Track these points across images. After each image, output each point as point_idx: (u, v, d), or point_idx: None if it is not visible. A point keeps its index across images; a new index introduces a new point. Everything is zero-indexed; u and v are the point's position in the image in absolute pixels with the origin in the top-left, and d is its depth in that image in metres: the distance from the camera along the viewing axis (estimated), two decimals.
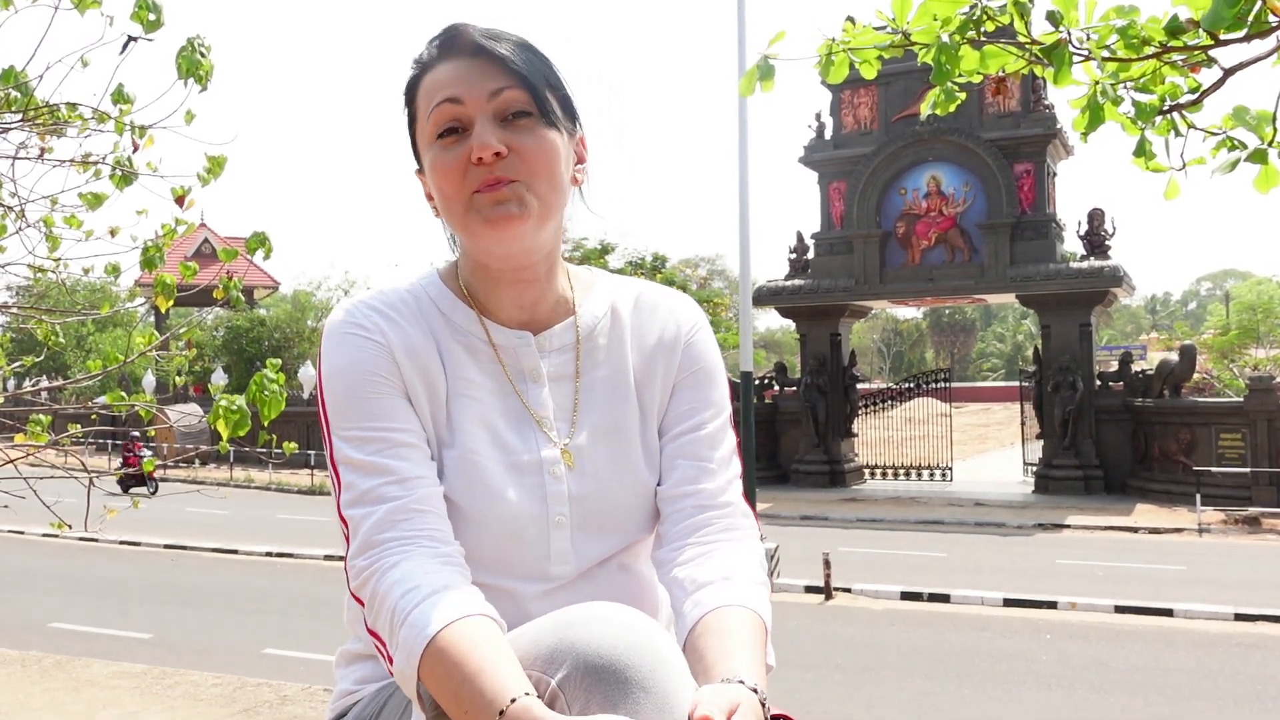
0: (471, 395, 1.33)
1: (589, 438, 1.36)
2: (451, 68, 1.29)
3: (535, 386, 1.36)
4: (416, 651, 1.11)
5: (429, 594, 1.14)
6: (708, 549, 1.33)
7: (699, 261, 55.46)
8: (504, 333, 1.36)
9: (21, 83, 3.14)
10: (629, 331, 1.42)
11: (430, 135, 1.29)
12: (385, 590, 1.17)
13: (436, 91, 1.29)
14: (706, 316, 1.50)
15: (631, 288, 1.46)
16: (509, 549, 1.30)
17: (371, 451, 1.25)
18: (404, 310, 1.34)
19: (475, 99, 1.27)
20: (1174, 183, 2.34)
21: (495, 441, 1.32)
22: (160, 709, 4.50)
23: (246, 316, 35.97)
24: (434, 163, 1.29)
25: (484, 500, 1.29)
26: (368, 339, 1.30)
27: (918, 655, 8.94)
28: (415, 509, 1.23)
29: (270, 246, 3.42)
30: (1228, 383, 25.70)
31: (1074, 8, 1.95)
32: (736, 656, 1.16)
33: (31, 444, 3.69)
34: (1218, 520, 16.27)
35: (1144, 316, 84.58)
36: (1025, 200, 20.12)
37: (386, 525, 1.22)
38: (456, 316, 1.35)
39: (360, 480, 1.25)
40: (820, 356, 22.07)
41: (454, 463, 1.30)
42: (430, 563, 1.19)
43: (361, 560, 1.21)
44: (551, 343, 1.38)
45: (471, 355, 1.35)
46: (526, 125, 1.28)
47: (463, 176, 1.26)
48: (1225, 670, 8.32)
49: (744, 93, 2.11)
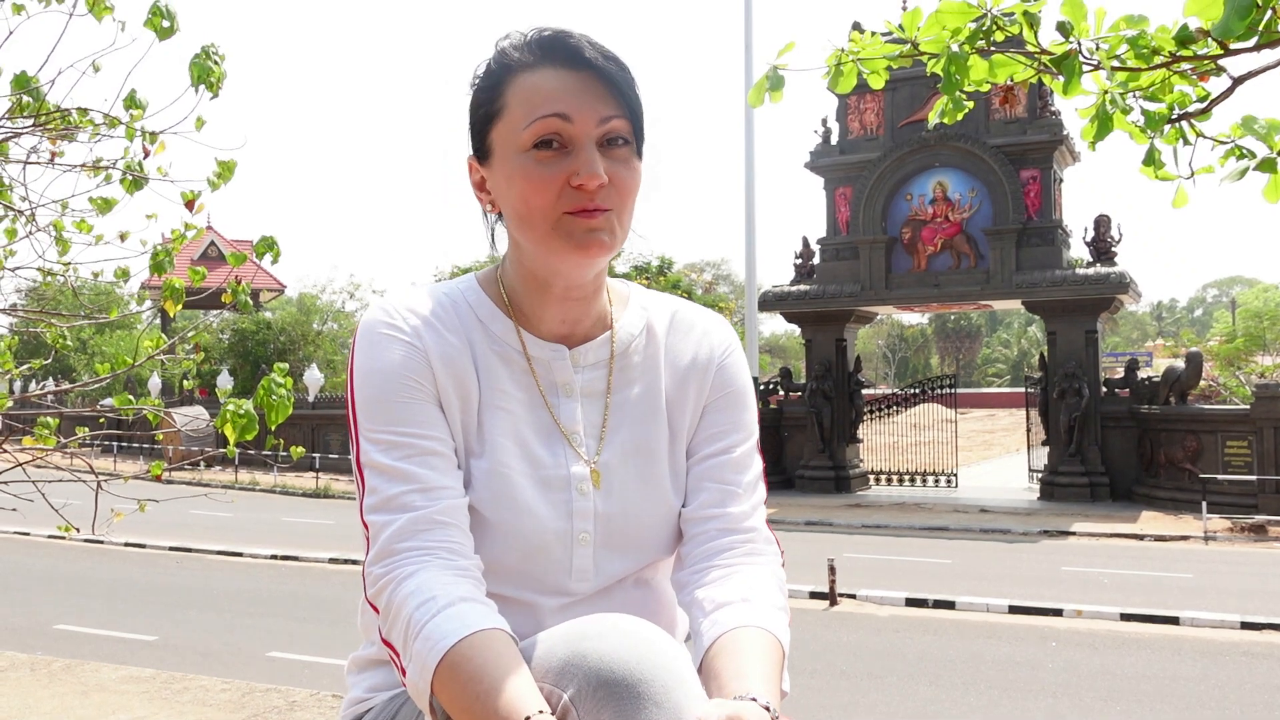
0: (504, 407, 1.32)
1: (618, 456, 1.35)
2: (558, 78, 1.25)
3: (567, 401, 1.35)
4: (430, 665, 1.10)
5: (444, 606, 1.14)
6: (729, 571, 1.32)
7: (704, 266, 55.50)
8: (540, 345, 1.35)
9: (33, 88, 3.15)
10: (663, 350, 1.41)
11: (525, 143, 1.25)
12: (401, 600, 1.17)
13: (542, 102, 1.25)
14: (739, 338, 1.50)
15: (668, 305, 1.46)
16: (531, 563, 1.30)
17: (398, 457, 1.24)
18: (443, 315, 1.32)
19: (585, 121, 1.24)
20: (1182, 191, 2.34)
21: (525, 455, 1.32)
22: (169, 714, 4.51)
23: (253, 319, 36.03)
24: (525, 172, 1.25)
25: (510, 513, 1.29)
26: (405, 342, 1.28)
27: (923, 662, 8.92)
28: (437, 520, 1.22)
29: (278, 251, 3.44)
30: (1234, 390, 25.65)
31: (1084, 18, 1.95)
32: (751, 676, 1.16)
33: (39, 447, 3.71)
34: (1224, 528, 16.22)
35: (1150, 323, 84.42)
36: (1031, 206, 20.10)
37: (407, 534, 1.21)
38: (495, 326, 1.34)
39: (385, 485, 1.24)
40: (825, 362, 22.05)
41: (483, 474, 1.29)
42: (446, 575, 1.18)
43: (378, 568, 1.21)
44: (586, 357, 1.37)
45: (506, 365, 1.34)
46: (623, 155, 1.27)
47: (558, 195, 1.24)
48: (1232, 679, 8.29)
49: (753, 103, 2.12)
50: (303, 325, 37.76)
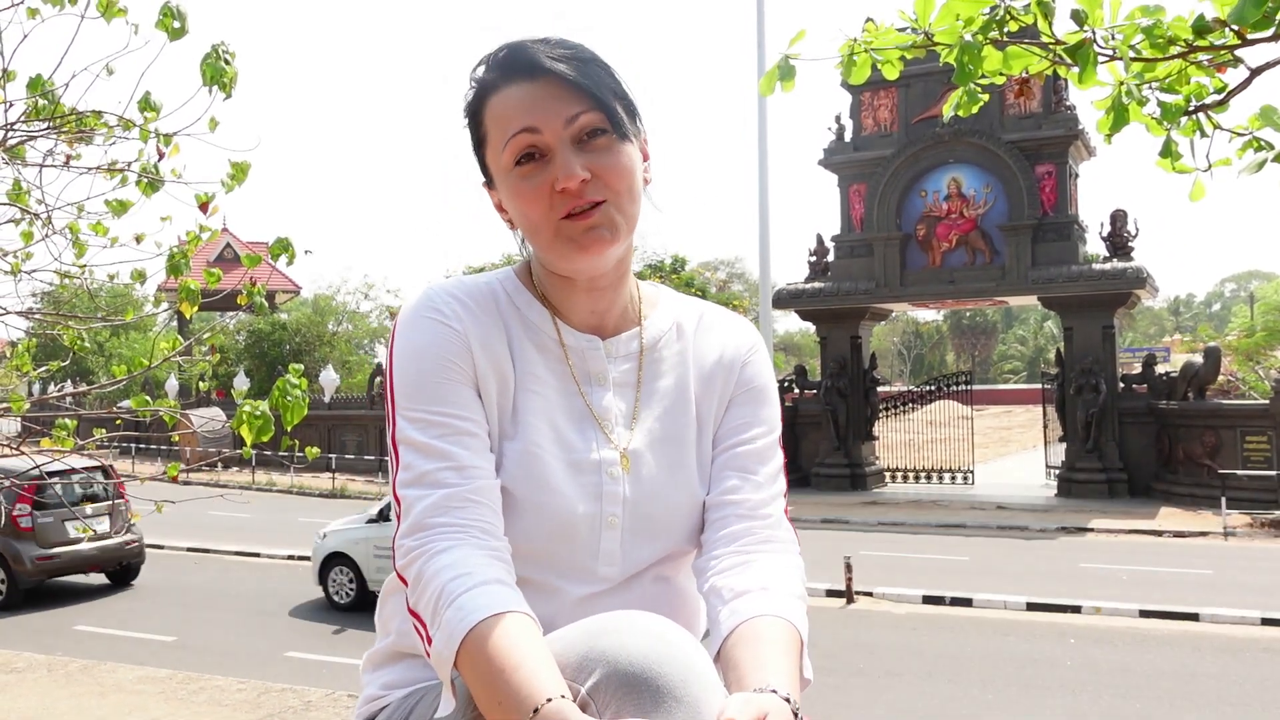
0: (538, 391, 1.36)
1: (647, 444, 1.39)
2: (520, 92, 1.28)
3: (600, 390, 1.39)
4: (458, 635, 1.12)
5: (480, 582, 1.16)
6: (747, 559, 1.34)
7: (718, 264, 55.42)
8: (575, 335, 1.38)
9: (48, 91, 3.17)
10: (691, 347, 1.45)
11: (507, 163, 1.29)
12: (434, 572, 1.18)
13: (510, 120, 1.28)
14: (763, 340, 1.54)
15: (695, 307, 1.50)
16: (559, 545, 1.32)
17: (434, 435, 1.27)
18: (483, 301, 1.36)
19: (552, 127, 1.27)
20: (1199, 184, 2.32)
21: (557, 438, 1.34)
22: (185, 714, 4.53)
23: (268, 320, 36.20)
24: (515, 190, 1.30)
25: (541, 494, 1.31)
26: (445, 325, 1.32)
27: (940, 660, 8.89)
28: (470, 498, 1.24)
29: (293, 252, 3.45)
30: (1253, 385, 25.43)
31: (1098, 7, 1.94)
32: (770, 667, 1.16)
33: (57, 448, 3.73)
34: (1243, 523, 16.10)
35: (1167, 318, 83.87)
36: (1047, 202, 19.99)
37: (440, 510, 1.23)
38: (531, 314, 1.38)
39: (419, 461, 1.26)
40: (840, 359, 22.00)
41: (515, 455, 1.32)
42: (480, 554, 1.20)
43: (410, 540, 1.23)
44: (618, 349, 1.40)
45: (541, 353, 1.37)
46: (604, 144, 1.28)
47: (548, 204, 1.27)
48: (1253, 675, 8.23)
49: (764, 92, 2.11)
50: (318, 326, 37.92)
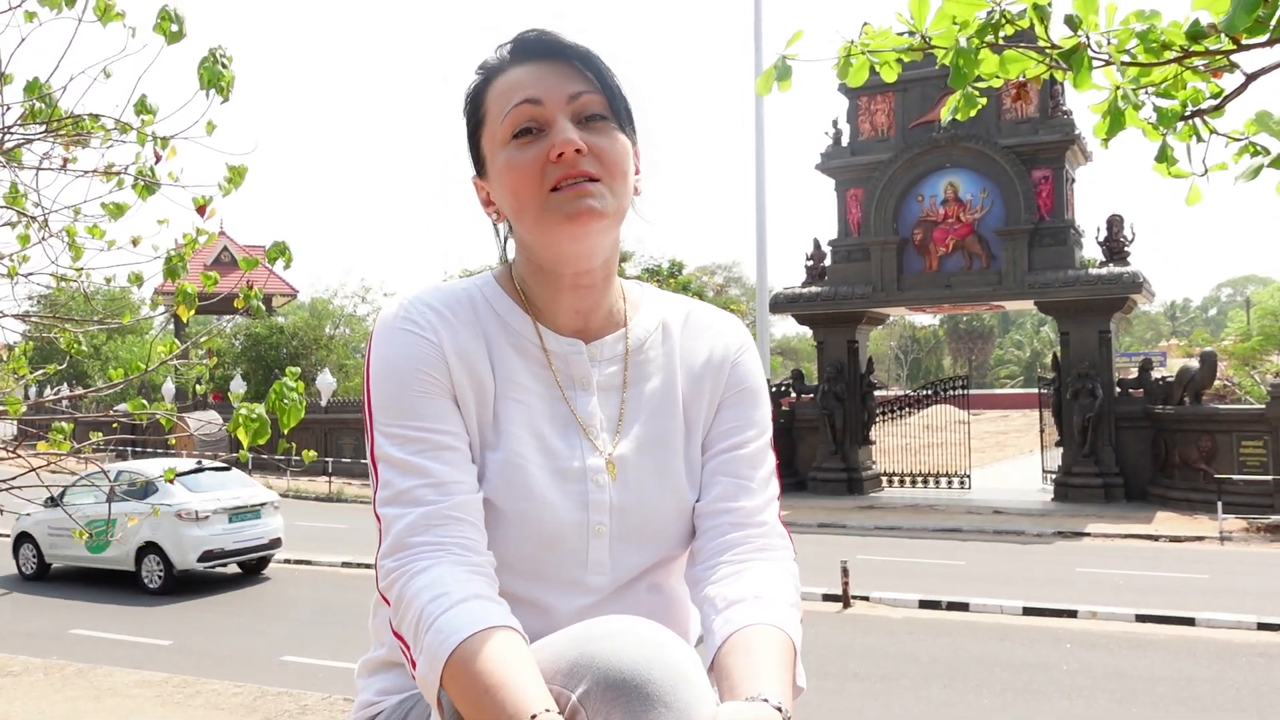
0: (520, 399, 1.33)
1: (633, 449, 1.36)
2: (527, 70, 1.30)
3: (584, 395, 1.36)
4: (441, 658, 1.10)
5: (457, 601, 1.14)
6: (741, 567, 1.32)
7: (715, 269, 55.43)
8: (557, 339, 1.36)
9: (45, 94, 3.17)
10: (678, 348, 1.42)
11: (504, 136, 1.29)
12: (413, 594, 1.17)
13: (513, 93, 1.29)
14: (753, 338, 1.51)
15: (682, 306, 1.47)
16: (546, 555, 1.30)
17: (412, 451, 1.25)
18: (459, 310, 1.33)
19: (554, 100, 1.27)
20: (1196, 189, 2.32)
21: (541, 447, 1.32)
22: (181, 718, 4.52)
23: (265, 324, 36.14)
24: (509, 163, 1.28)
25: (526, 504, 1.29)
26: (421, 336, 1.29)
27: (936, 664, 8.89)
28: (450, 515, 1.23)
29: (290, 256, 3.45)
30: (1249, 389, 25.48)
31: (1093, 11, 1.94)
32: (763, 676, 1.15)
33: (53, 452, 3.72)
34: (1240, 528, 16.11)
35: (1164, 323, 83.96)
36: (1044, 206, 20.02)
37: (420, 529, 1.21)
38: (511, 320, 1.35)
39: (398, 479, 1.24)
40: (837, 364, 22.00)
41: (498, 465, 1.30)
42: (460, 571, 1.19)
43: (390, 561, 1.22)
44: (603, 352, 1.38)
45: (523, 359, 1.34)
46: (602, 128, 1.29)
47: (540, 175, 1.26)
48: (1249, 681, 8.23)
49: (761, 92, 2.11)
50: (315, 330, 37.87)
